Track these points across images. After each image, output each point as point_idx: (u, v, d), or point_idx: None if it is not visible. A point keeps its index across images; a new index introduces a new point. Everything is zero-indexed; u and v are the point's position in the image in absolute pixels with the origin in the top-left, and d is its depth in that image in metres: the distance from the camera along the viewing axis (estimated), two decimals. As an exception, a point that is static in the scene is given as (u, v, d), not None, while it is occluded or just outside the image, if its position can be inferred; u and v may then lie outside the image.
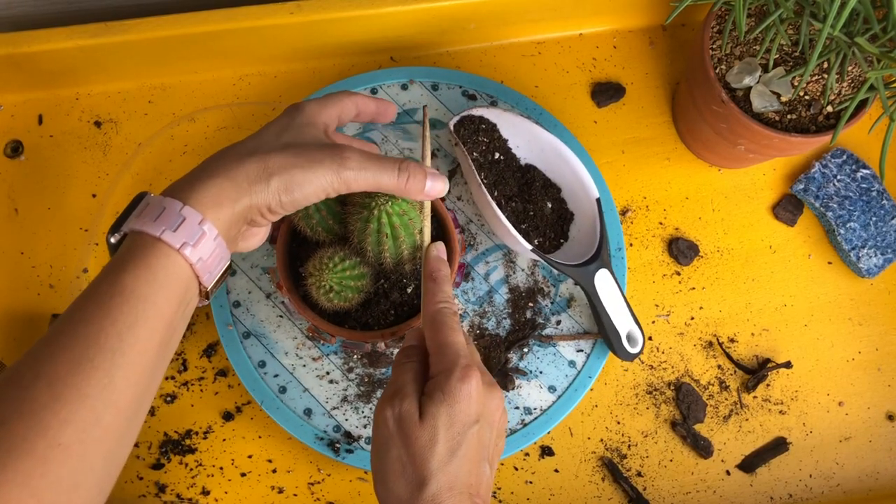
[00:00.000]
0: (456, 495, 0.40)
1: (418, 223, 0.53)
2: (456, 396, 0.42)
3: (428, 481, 0.40)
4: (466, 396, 0.42)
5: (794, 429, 0.66)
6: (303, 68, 0.73)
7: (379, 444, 0.43)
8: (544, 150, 0.66)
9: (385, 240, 0.52)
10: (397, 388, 0.44)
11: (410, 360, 0.46)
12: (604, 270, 0.63)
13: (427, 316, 0.46)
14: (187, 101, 0.72)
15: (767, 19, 0.55)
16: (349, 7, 0.66)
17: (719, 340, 0.68)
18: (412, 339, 0.48)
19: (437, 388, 0.42)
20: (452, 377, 0.42)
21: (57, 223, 0.68)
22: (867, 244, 0.69)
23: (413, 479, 0.41)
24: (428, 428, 0.41)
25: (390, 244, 0.53)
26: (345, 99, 0.50)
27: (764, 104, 0.61)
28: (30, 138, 0.70)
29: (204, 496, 0.62)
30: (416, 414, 0.42)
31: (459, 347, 0.44)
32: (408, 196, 0.46)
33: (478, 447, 0.42)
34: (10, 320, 0.66)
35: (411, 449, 0.41)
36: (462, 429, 0.42)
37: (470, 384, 0.42)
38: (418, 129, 0.70)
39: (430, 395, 0.42)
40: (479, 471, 0.43)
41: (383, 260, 0.55)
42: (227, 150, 0.44)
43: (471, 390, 0.42)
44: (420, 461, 0.41)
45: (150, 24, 0.65)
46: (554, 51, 0.75)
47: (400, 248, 0.54)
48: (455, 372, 0.42)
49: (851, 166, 0.71)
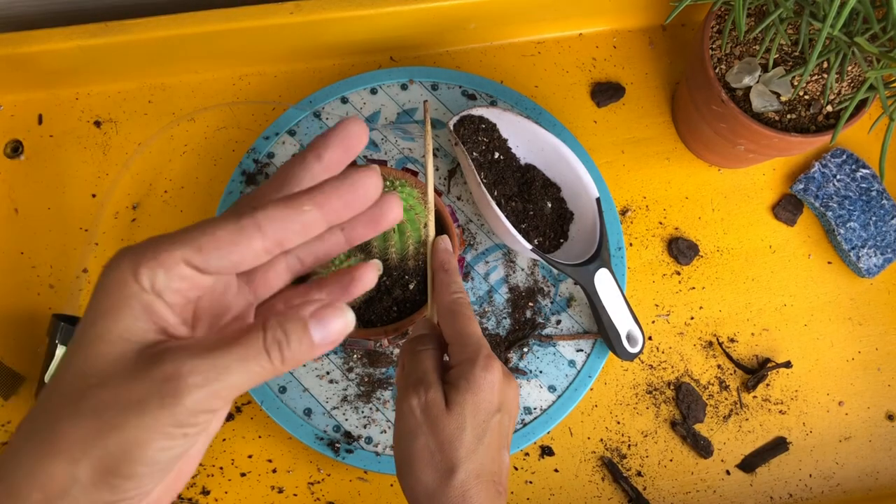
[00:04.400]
0: (483, 482, 0.41)
1: (424, 217, 0.53)
2: (480, 385, 0.42)
3: (457, 469, 0.40)
4: (490, 385, 0.42)
5: (793, 428, 0.66)
6: (303, 68, 0.73)
7: (404, 432, 0.43)
8: (544, 150, 0.66)
9: (392, 235, 0.52)
10: (419, 376, 0.43)
11: (427, 348, 0.45)
12: (604, 270, 0.63)
13: (444, 306, 0.46)
14: (187, 101, 0.72)
15: (767, 19, 0.55)
16: (349, 7, 0.66)
17: (719, 340, 0.68)
18: (423, 327, 0.47)
19: (461, 377, 0.42)
20: (476, 366, 0.42)
21: (57, 223, 0.68)
22: (867, 244, 0.69)
23: (441, 467, 0.41)
24: (455, 416, 0.41)
25: (397, 239, 0.53)
26: (243, 226, 0.26)
27: (764, 104, 0.61)
28: (30, 138, 0.70)
29: (204, 496, 0.62)
30: (443, 402, 0.42)
31: (480, 337, 0.44)
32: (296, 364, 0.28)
33: (499, 435, 0.43)
34: (10, 320, 0.66)
35: (439, 437, 0.41)
36: (486, 417, 0.42)
37: (494, 374, 0.43)
38: (419, 128, 0.70)
39: (454, 384, 0.42)
40: (501, 458, 0.43)
41: (389, 256, 0.55)
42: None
43: (494, 380, 0.42)
44: (448, 449, 0.41)
45: (150, 24, 0.65)
46: (554, 51, 0.75)
47: (406, 244, 0.54)
48: (479, 361, 0.43)
49: (851, 166, 0.71)
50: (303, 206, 0.27)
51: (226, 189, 0.66)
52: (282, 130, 0.68)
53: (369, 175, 0.28)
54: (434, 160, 0.69)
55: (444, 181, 0.69)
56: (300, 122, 0.69)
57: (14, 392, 0.64)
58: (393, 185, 0.52)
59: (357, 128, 0.30)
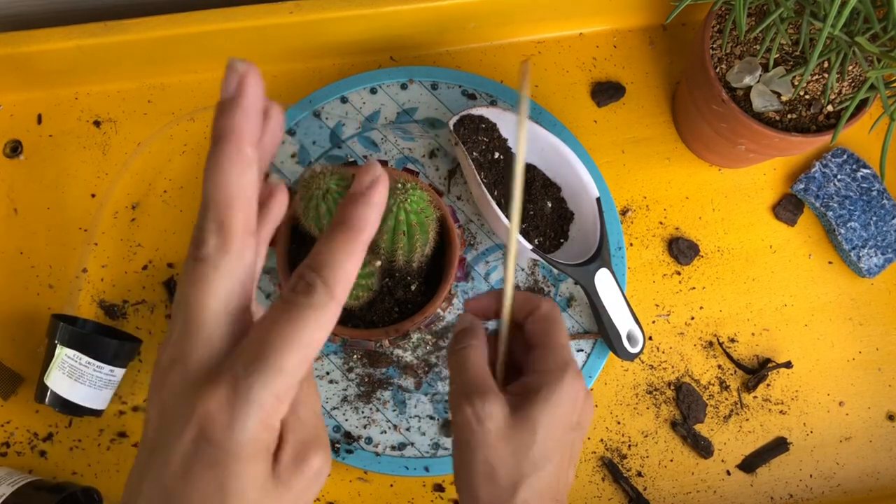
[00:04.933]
0: (545, 502, 0.38)
1: (433, 221, 0.53)
2: (563, 399, 0.39)
3: (520, 487, 0.37)
4: (573, 401, 0.39)
5: (794, 429, 0.66)
6: (303, 68, 0.73)
7: (462, 444, 0.39)
8: (544, 150, 0.66)
9: (401, 238, 0.52)
10: (473, 381, 0.39)
11: (470, 344, 0.41)
12: (604, 270, 0.63)
13: (543, 311, 0.42)
14: (187, 101, 0.72)
15: (768, 19, 0.55)
16: (349, 6, 0.66)
17: (719, 340, 0.68)
18: (465, 321, 0.43)
19: (542, 387, 0.39)
20: (564, 379, 0.39)
21: (56, 223, 0.68)
22: (867, 244, 0.69)
23: (503, 484, 0.37)
24: (524, 430, 0.38)
25: (405, 242, 0.53)
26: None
27: (764, 104, 0.61)
28: (29, 138, 0.70)
29: (203, 496, 0.62)
30: (506, 412, 0.38)
31: (570, 349, 0.41)
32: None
33: (571, 452, 0.40)
34: (9, 320, 0.66)
35: (502, 452, 0.38)
36: (563, 433, 0.39)
37: (580, 389, 0.40)
38: (418, 128, 0.70)
39: (530, 394, 0.39)
40: (568, 475, 0.40)
41: (395, 258, 0.55)
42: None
43: (579, 395, 0.39)
44: (512, 465, 0.38)
45: (150, 23, 0.65)
46: (554, 51, 0.75)
47: (414, 246, 0.54)
48: (568, 373, 0.39)
49: (852, 166, 0.71)
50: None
51: (225, 189, 0.66)
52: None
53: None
54: (433, 160, 0.69)
55: (444, 181, 0.69)
56: (300, 121, 0.69)
57: (13, 392, 0.64)
58: (405, 187, 0.51)
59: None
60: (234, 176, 0.26)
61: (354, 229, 0.28)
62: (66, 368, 0.58)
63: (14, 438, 0.63)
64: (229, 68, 0.28)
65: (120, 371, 0.61)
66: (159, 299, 0.66)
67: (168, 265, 0.67)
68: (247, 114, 0.28)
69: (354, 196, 0.28)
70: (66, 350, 0.58)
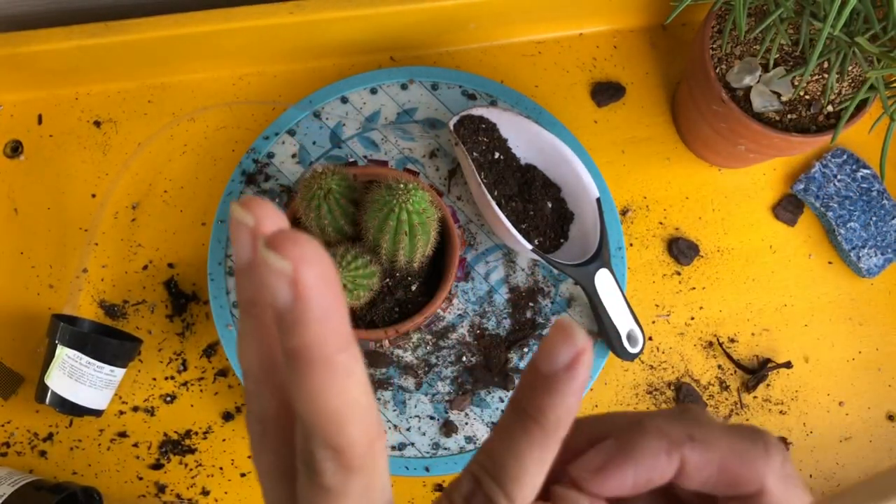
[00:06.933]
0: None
1: (434, 221, 0.53)
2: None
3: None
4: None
5: (794, 429, 0.66)
6: (302, 68, 0.73)
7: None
8: (544, 150, 0.66)
9: (403, 238, 0.52)
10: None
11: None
12: (604, 270, 0.63)
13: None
14: (187, 101, 0.72)
15: (767, 19, 0.55)
16: (349, 7, 0.66)
17: (719, 340, 0.68)
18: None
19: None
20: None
21: (56, 223, 0.68)
22: (867, 244, 0.69)
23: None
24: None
25: (407, 242, 0.53)
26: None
27: (764, 104, 0.61)
28: (29, 138, 0.70)
29: (204, 496, 0.62)
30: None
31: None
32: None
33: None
34: (9, 320, 0.66)
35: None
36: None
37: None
38: (418, 128, 0.70)
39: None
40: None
41: (397, 258, 0.55)
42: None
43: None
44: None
45: (150, 24, 0.65)
46: (554, 50, 0.75)
47: (416, 247, 0.54)
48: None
49: (852, 166, 0.71)
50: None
51: (226, 189, 0.66)
52: (281, 130, 0.68)
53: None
54: (433, 160, 0.69)
55: (445, 181, 0.69)
56: (300, 121, 0.69)
57: (13, 392, 0.64)
58: (407, 187, 0.51)
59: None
60: (332, 399, 0.20)
61: (549, 426, 0.20)
62: (66, 368, 0.58)
63: (14, 438, 0.63)
64: (247, 227, 0.20)
65: (120, 371, 0.61)
66: (159, 299, 0.66)
67: (168, 265, 0.67)
68: (321, 322, 0.19)
69: (550, 377, 0.20)
70: (66, 350, 0.58)
